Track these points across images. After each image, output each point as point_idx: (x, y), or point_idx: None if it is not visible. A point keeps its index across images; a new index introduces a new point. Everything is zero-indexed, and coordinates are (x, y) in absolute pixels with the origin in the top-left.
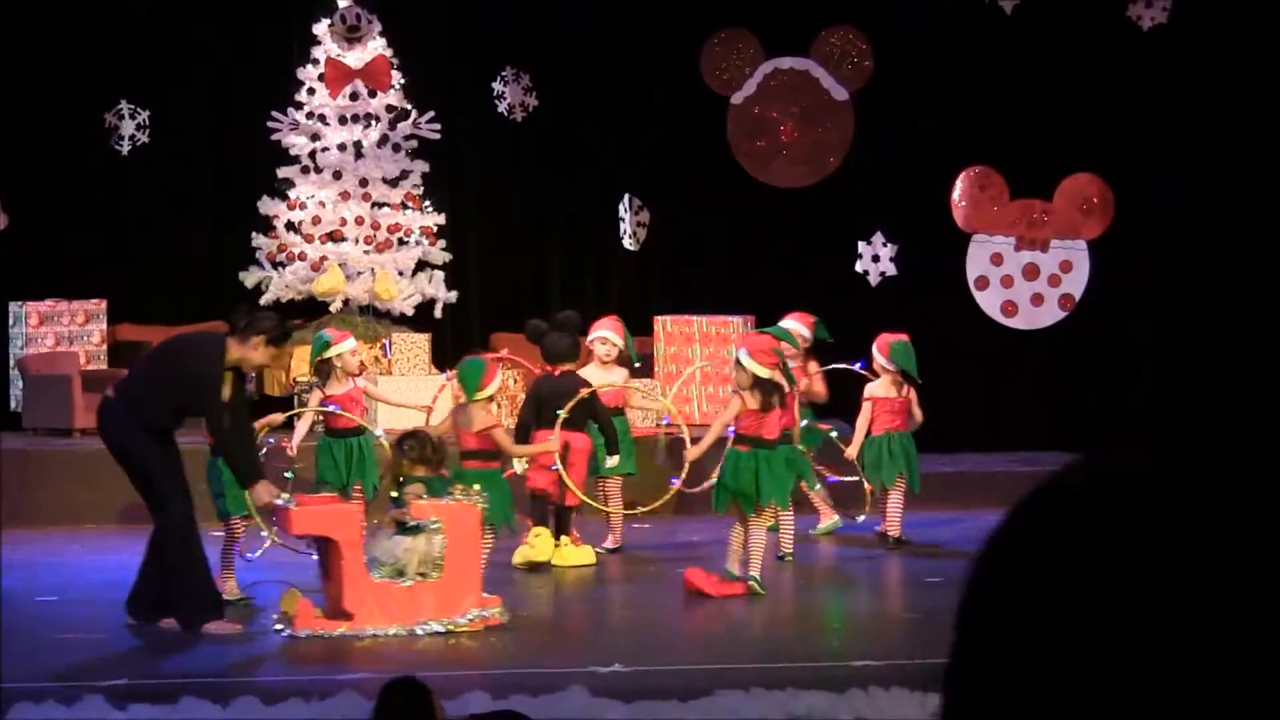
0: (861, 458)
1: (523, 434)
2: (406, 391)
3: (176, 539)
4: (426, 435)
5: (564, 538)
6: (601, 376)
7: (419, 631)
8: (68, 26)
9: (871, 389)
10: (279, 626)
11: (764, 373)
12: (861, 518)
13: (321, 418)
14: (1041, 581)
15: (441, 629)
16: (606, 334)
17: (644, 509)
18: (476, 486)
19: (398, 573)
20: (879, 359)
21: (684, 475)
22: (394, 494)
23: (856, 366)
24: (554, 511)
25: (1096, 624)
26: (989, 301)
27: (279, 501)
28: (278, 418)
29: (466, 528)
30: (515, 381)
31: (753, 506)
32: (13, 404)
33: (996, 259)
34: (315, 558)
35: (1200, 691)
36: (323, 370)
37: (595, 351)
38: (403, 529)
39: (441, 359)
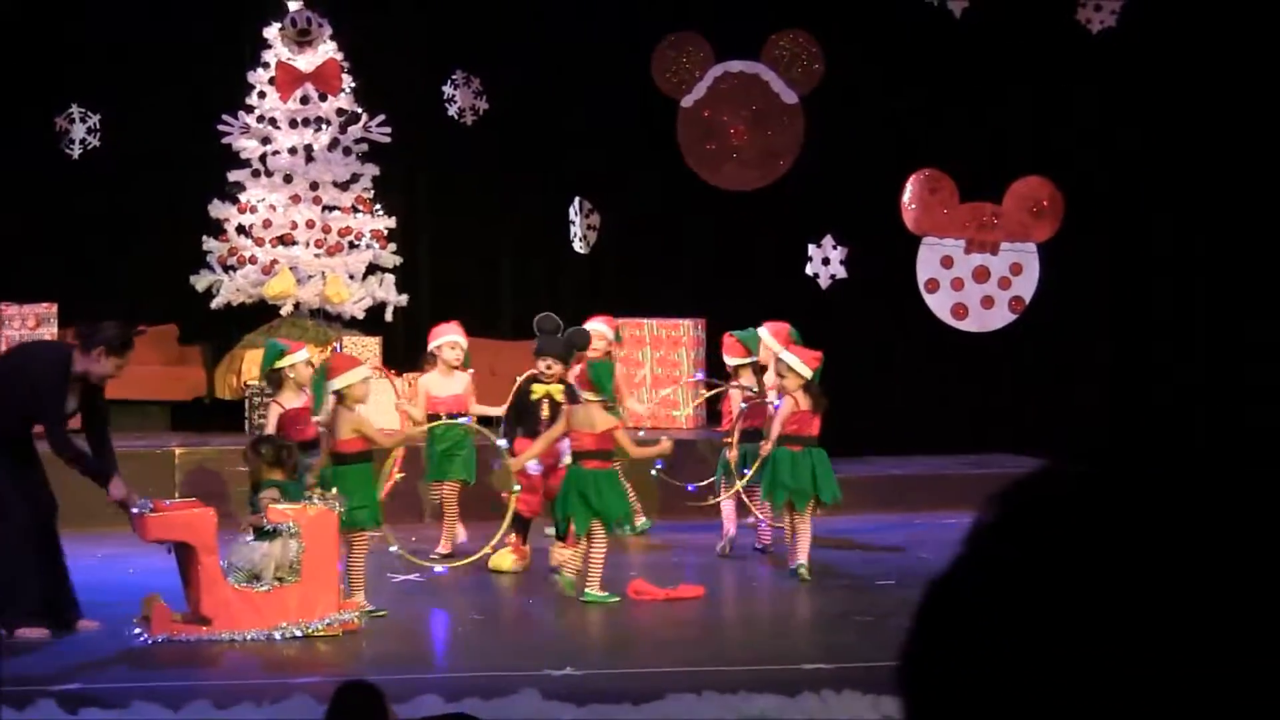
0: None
1: (510, 438)
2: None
3: (7, 544)
4: (281, 439)
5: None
6: (446, 385)
7: (277, 636)
8: (17, 28)
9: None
10: (137, 630)
11: (809, 374)
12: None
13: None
14: (1013, 584)
15: (299, 633)
16: (455, 338)
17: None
18: (335, 490)
19: (255, 577)
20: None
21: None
22: (250, 499)
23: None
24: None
25: (1068, 626)
26: (939, 304)
27: (134, 507)
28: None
29: (324, 532)
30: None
31: (806, 502)
32: None
33: (947, 262)
34: (441, 572)
35: (1169, 695)
36: (274, 379)
37: (444, 357)
38: (260, 534)
39: (392, 362)
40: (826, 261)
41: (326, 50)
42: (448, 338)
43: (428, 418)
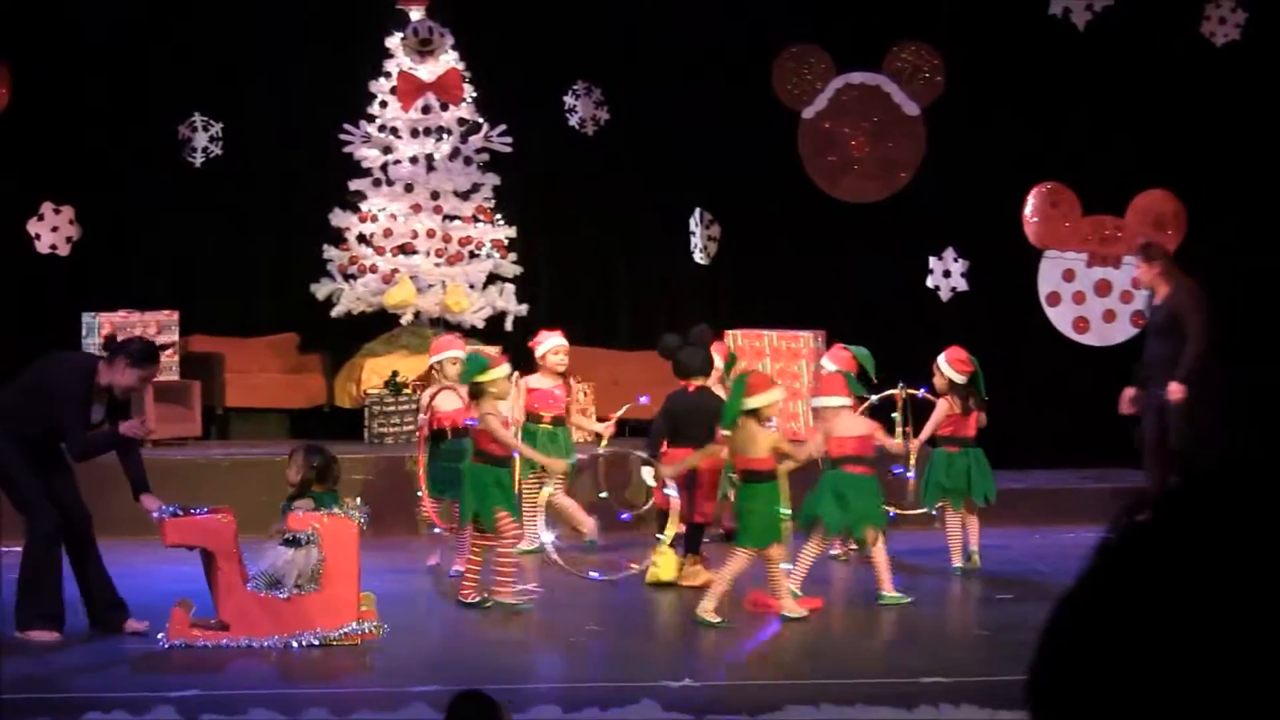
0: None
1: (655, 448)
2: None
3: (31, 550)
4: (329, 451)
5: (690, 557)
6: (451, 400)
7: (294, 644)
8: (143, 38)
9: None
10: (160, 635)
11: (959, 378)
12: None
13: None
14: (1144, 601)
15: (317, 641)
16: (456, 354)
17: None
18: (357, 501)
19: (276, 584)
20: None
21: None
22: (284, 505)
23: None
24: (685, 529)
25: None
26: (1061, 318)
27: (156, 514)
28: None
29: (343, 541)
30: (585, 395)
31: (962, 502)
32: None
33: (1069, 275)
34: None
35: None
36: (475, 391)
37: (447, 372)
38: (285, 541)
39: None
40: (948, 274)
41: (448, 60)
42: (450, 353)
43: (433, 434)
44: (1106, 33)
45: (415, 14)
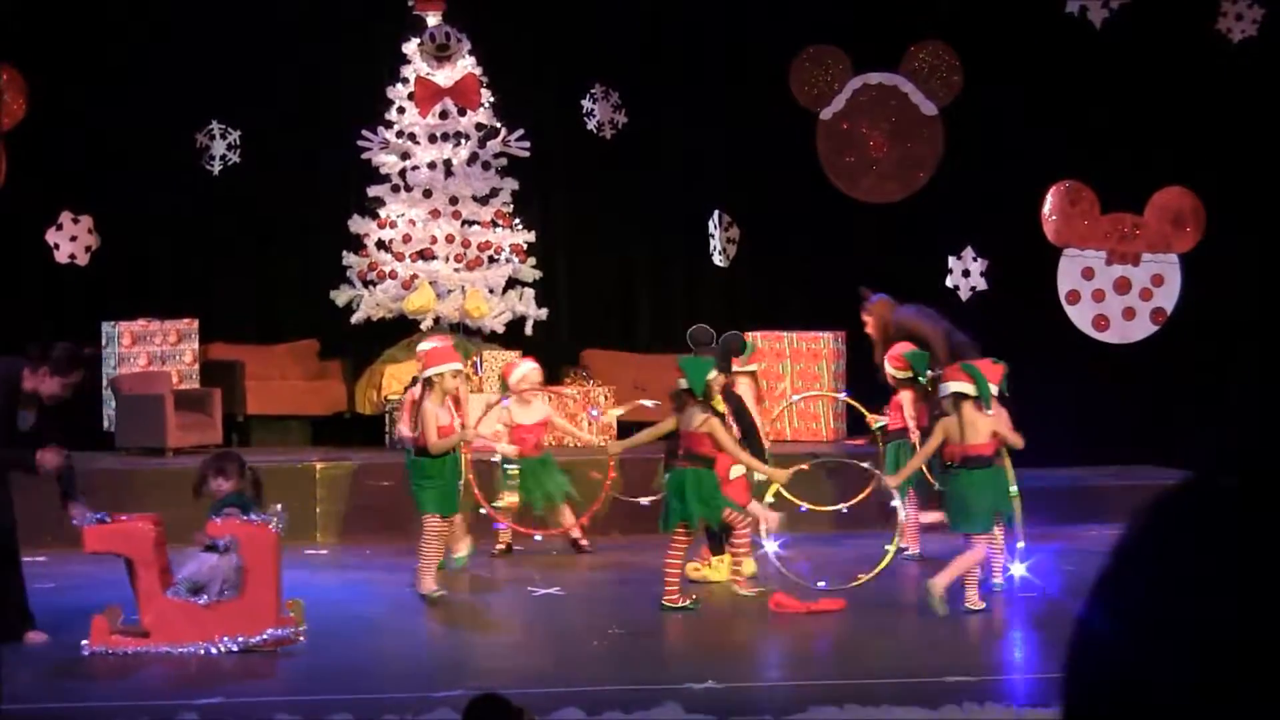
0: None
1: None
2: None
3: None
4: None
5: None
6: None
7: (214, 650)
8: (159, 47)
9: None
10: (83, 642)
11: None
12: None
13: None
14: (1175, 593)
15: (236, 648)
16: (458, 366)
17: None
18: (277, 507)
19: (198, 590)
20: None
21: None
22: (215, 512)
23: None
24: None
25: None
26: (1081, 316)
27: (79, 521)
28: None
29: (262, 548)
30: (606, 398)
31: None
32: (106, 423)
33: (1088, 273)
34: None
35: None
36: (709, 393)
37: (447, 384)
38: (207, 547)
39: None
40: (967, 273)
41: (465, 65)
42: (450, 366)
43: (417, 450)
44: (1123, 30)
45: (432, 19)
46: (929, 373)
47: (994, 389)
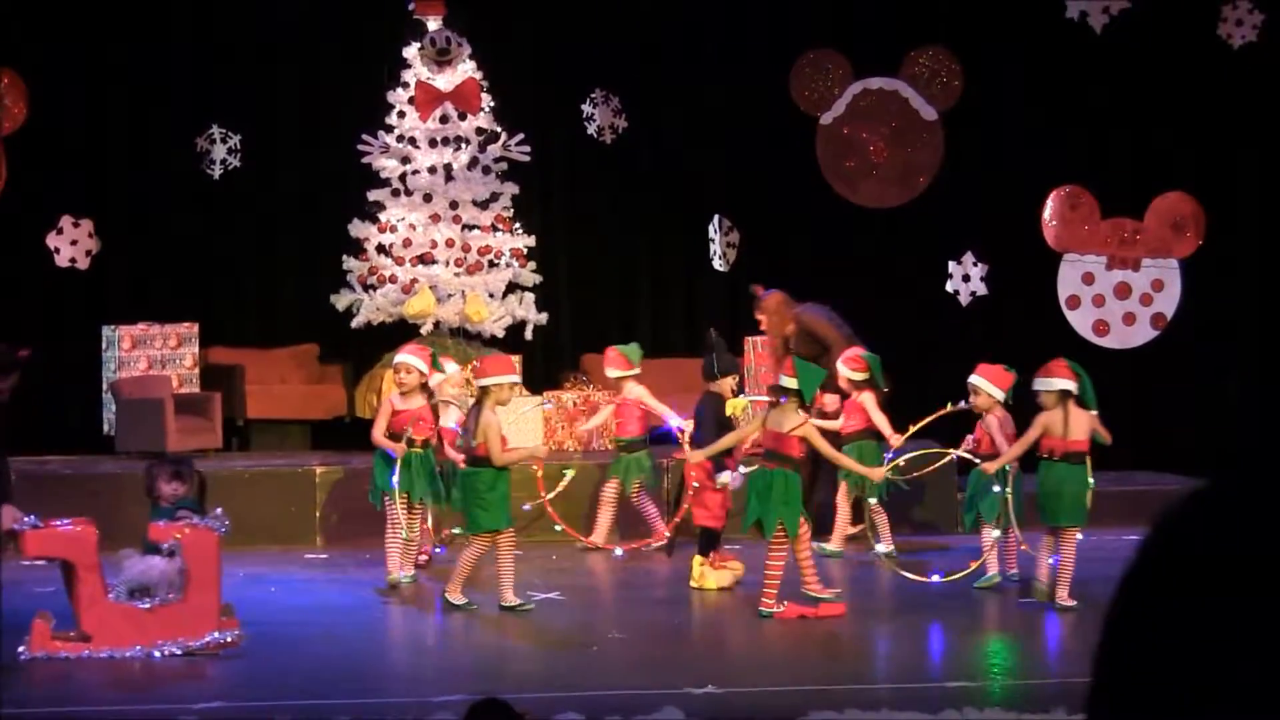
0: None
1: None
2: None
3: None
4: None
5: (710, 558)
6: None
7: (156, 654)
8: (160, 51)
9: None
10: (20, 648)
11: (1000, 395)
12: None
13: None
14: (1193, 600)
15: (179, 651)
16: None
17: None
18: (219, 511)
19: (141, 593)
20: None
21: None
22: (166, 514)
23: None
24: (699, 533)
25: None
26: (1081, 321)
27: (16, 526)
28: None
29: (204, 551)
30: (605, 402)
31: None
32: (106, 427)
33: (1088, 278)
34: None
35: None
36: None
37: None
38: (150, 550)
39: (530, 381)
40: (967, 278)
41: (466, 69)
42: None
43: (472, 462)
44: (1124, 35)
45: (433, 24)
46: (862, 376)
47: (1002, 395)
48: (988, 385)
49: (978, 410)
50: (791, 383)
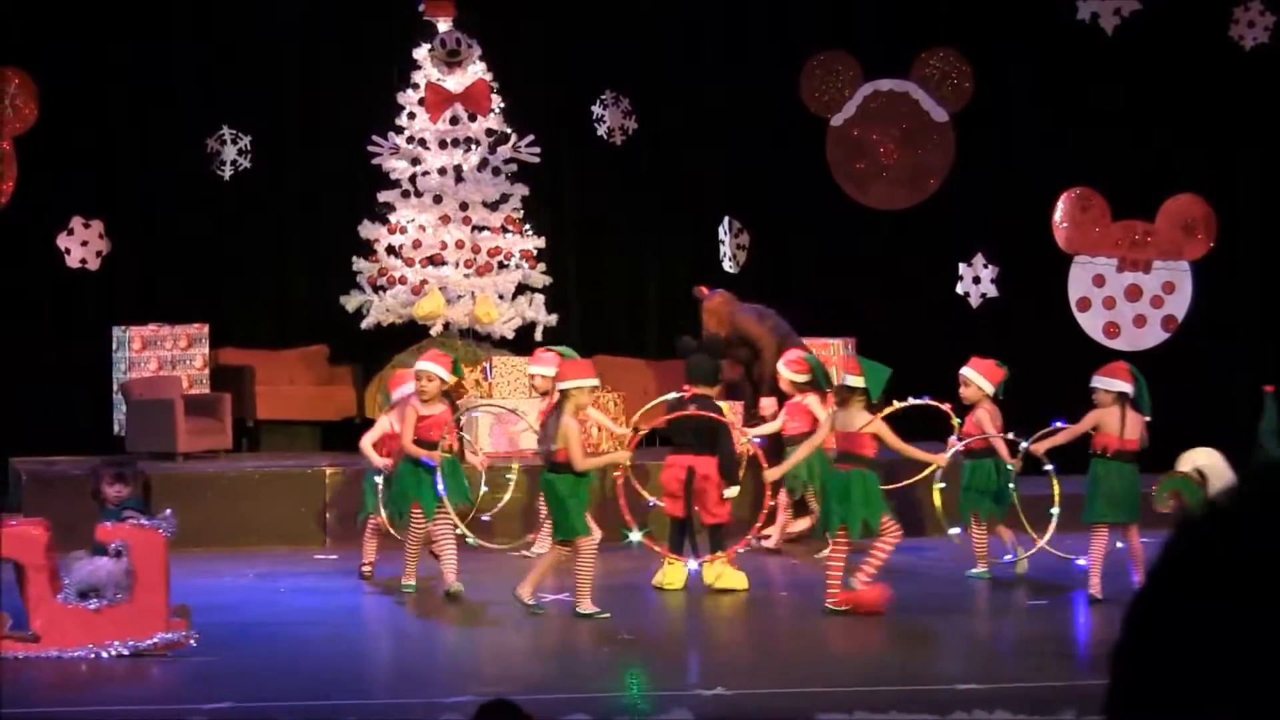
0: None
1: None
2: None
3: None
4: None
5: (716, 556)
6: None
7: (105, 654)
8: (170, 52)
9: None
10: None
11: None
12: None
13: None
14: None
15: (127, 651)
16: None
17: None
18: (167, 512)
19: (91, 594)
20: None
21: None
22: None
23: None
24: (707, 533)
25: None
26: (1091, 323)
27: None
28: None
29: (152, 552)
30: (616, 404)
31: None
32: (116, 428)
33: (1099, 280)
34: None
35: None
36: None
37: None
38: (99, 551)
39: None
40: (977, 280)
41: (475, 71)
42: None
43: (553, 468)
44: (1135, 37)
45: (443, 25)
46: (804, 378)
47: (991, 388)
48: (978, 378)
49: (966, 401)
50: (857, 381)
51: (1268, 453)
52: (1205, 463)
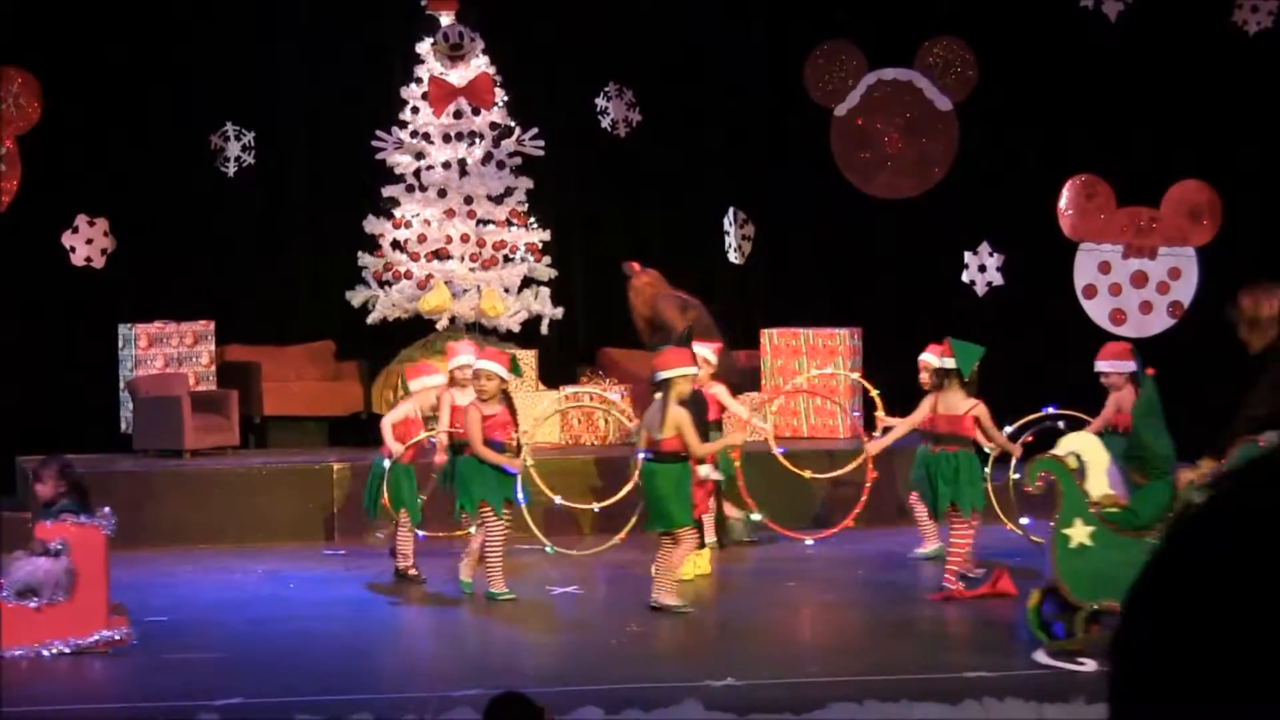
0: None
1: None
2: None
3: None
4: (72, 461)
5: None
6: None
7: (45, 653)
8: (173, 49)
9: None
10: None
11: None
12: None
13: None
14: (1219, 586)
15: (68, 650)
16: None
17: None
18: (106, 511)
19: (30, 594)
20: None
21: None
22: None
23: None
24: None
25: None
26: (1097, 310)
27: None
28: None
29: (92, 550)
30: (623, 396)
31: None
32: (123, 425)
33: (1104, 267)
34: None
35: None
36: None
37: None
38: (37, 551)
39: (546, 375)
40: (983, 269)
41: (479, 64)
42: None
43: (660, 457)
44: (1138, 23)
45: (445, 19)
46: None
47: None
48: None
49: (925, 386)
50: (949, 362)
51: (1142, 437)
52: (1081, 447)
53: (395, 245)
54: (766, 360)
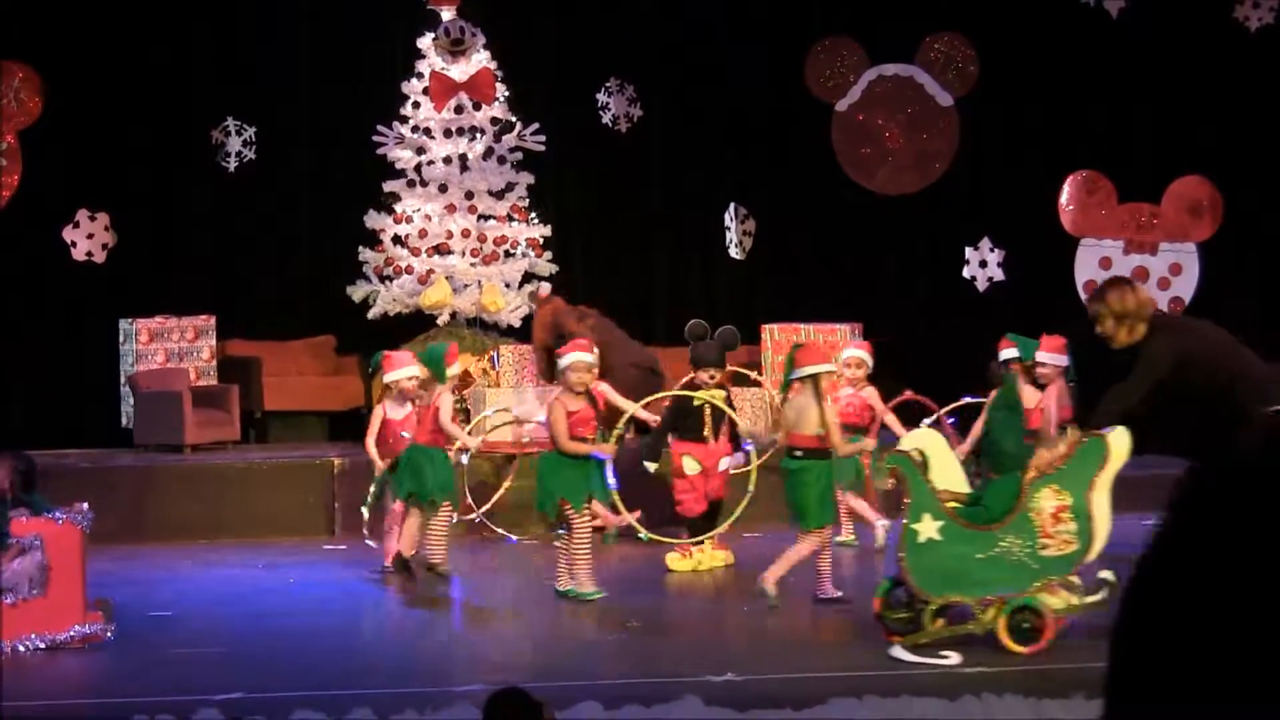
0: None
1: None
2: (514, 402)
3: None
4: (29, 455)
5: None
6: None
7: (21, 649)
8: (174, 45)
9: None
10: None
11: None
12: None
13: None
14: (1214, 576)
15: (44, 645)
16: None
17: None
18: (84, 506)
19: (5, 591)
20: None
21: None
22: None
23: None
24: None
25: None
26: None
27: None
28: None
29: (66, 546)
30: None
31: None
32: (124, 420)
33: (1105, 263)
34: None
35: None
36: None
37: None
38: (10, 548)
39: (550, 370)
40: (984, 264)
41: (480, 59)
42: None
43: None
44: (1139, 19)
45: (446, 14)
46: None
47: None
48: (867, 356)
49: (854, 383)
50: (1010, 353)
51: (994, 433)
52: (925, 443)
53: (396, 240)
54: (767, 355)
